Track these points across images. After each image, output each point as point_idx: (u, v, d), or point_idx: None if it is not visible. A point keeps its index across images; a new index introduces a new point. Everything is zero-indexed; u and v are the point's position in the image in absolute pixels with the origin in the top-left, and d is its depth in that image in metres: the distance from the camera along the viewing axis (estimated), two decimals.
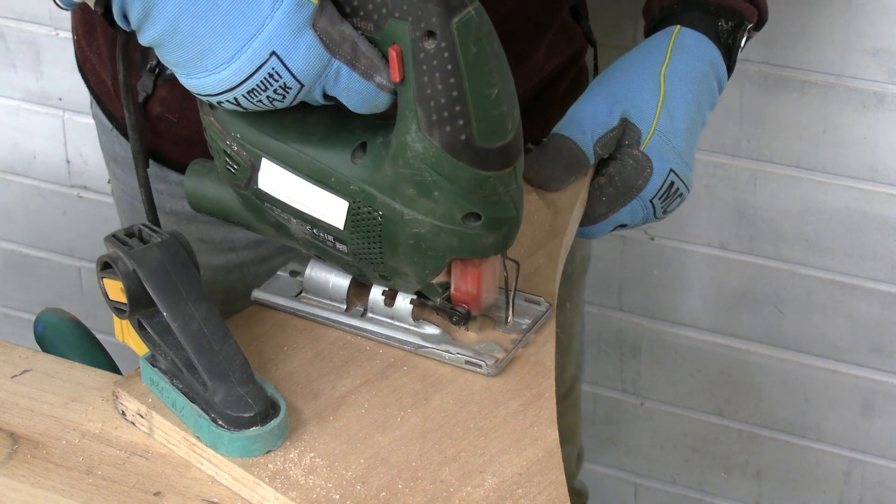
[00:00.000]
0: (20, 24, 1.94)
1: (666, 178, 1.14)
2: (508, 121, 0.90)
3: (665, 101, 1.15)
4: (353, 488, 0.90)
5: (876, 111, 1.57)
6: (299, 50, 0.89)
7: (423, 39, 0.87)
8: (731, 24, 1.20)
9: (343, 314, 1.04)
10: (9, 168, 2.07)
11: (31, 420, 0.97)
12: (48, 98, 1.98)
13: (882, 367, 1.74)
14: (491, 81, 0.88)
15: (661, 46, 1.18)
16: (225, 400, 0.92)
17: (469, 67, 0.87)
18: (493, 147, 0.90)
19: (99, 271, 0.97)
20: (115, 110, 1.32)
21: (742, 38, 1.21)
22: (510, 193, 0.94)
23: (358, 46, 0.90)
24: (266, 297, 1.07)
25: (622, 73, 1.17)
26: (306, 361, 1.02)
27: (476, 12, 0.87)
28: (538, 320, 1.03)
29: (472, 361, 0.99)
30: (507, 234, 0.96)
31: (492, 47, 0.88)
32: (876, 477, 1.82)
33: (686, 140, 1.15)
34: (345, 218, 0.97)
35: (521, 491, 0.91)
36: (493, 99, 0.89)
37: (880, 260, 1.67)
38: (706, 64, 1.18)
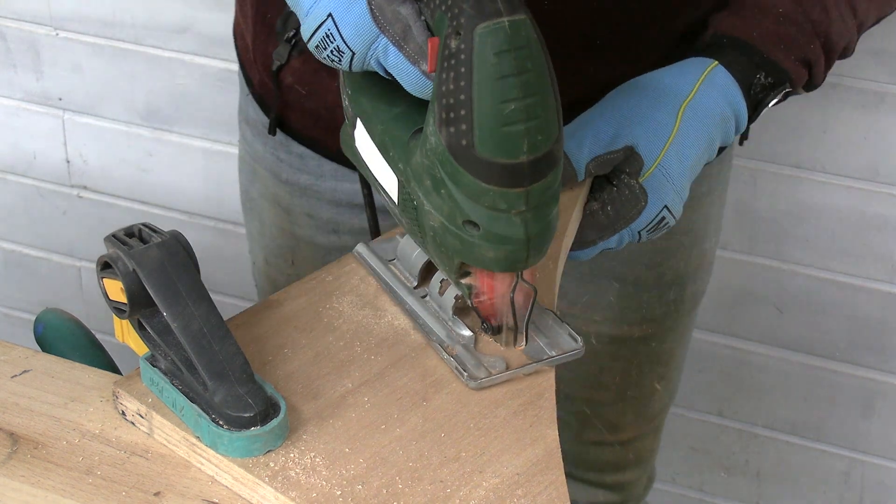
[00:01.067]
0: (20, 24, 1.94)
1: (658, 213, 1.12)
2: (523, 141, 0.87)
3: (677, 138, 1.12)
4: (353, 488, 0.90)
5: (876, 111, 1.57)
6: (351, 17, 0.91)
7: (452, 36, 0.86)
8: (770, 80, 1.16)
9: (409, 291, 1.05)
10: (9, 168, 2.08)
11: (31, 420, 0.97)
12: (48, 98, 1.98)
13: (882, 367, 1.74)
14: (507, 96, 0.86)
15: (691, 78, 1.15)
16: (225, 400, 0.92)
17: (481, 76, 0.85)
18: (495, 162, 0.88)
19: (99, 271, 0.97)
20: (252, 75, 1.37)
21: (775, 98, 1.17)
22: (521, 215, 0.90)
23: (410, 30, 0.90)
24: (364, 254, 1.09)
25: (642, 96, 1.14)
26: (306, 361, 1.02)
27: (512, 24, 0.85)
28: (563, 355, 1.01)
29: (458, 369, 0.99)
30: (510, 254, 0.92)
31: (521, 62, 0.86)
32: (876, 477, 1.82)
33: (688, 177, 1.13)
34: (397, 195, 0.98)
35: (521, 491, 0.91)
36: (506, 114, 0.86)
37: (880, 260, 1.67)
38: (730, 108, 1.15)
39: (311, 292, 1.09)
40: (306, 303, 1.08)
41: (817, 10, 1.17)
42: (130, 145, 1.98)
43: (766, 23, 1.17)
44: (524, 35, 0.86)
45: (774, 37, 1.16)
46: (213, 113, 1.91)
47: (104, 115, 1.97)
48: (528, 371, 0.99)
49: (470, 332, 1.01)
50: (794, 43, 1.17)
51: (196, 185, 1.98)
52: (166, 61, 1.89)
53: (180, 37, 1.86)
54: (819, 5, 1.17)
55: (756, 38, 1.16)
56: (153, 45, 1.88)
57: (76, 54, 1.93)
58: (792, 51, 1.17)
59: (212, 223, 2.01)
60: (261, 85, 1.37)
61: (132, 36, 1.89)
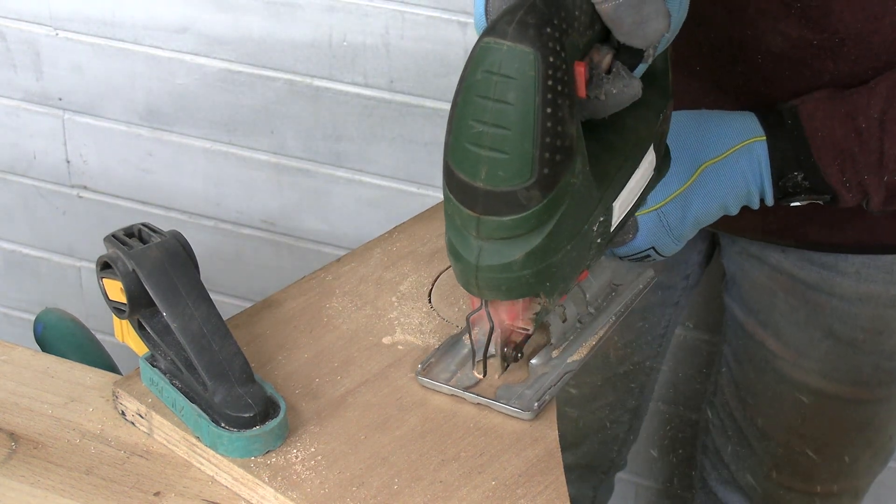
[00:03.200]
0: (20, 24, 1.94)
1: (644, 250, 1.09)
2: (481, 167, 0.84)
3: (687, 192, 1.08)
4: (353, 488, 0.90)
5: None
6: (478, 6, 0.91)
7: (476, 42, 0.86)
8: (808, 184, 1.10)
9: None
10: (9, 168, 2.08)
11: (31, 420, 0.97)
12: (48, 98, 1.98)
13: None
14: (479, 116, 0.83)
15: (730, 140, 1.10)
16: (225, 400, 0.92)
17: (464, 89, 0.84)
18: (456, 173, 0.86)
19: (99, 271, 0.97)
20: None
21: (807, 200, 1.12)
22: (476, 239, 0.88)
23: None
24: None
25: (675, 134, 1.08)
26: (306, 361, 1.02)
27: (511, 51, 0.82)
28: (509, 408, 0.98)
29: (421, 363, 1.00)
30: (461, 270, 0.90)
31: (503, 91, 0.83)
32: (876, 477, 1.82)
33: (690, 228, 1.10)
34: None
35: (521, 491, 0.91)
36: (473, 133, 0.84)
37: None
38: (755, 185, 1.10)
39: (311, 292, 1.09)
40: (306, 303, 1.08)
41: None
42: (130, 145, 1.98)
43: (839, 131, 1.10)
44: (517, 66, 0.82)
45: (835, 150, 1.10)
46: (213, 113, 1.90)
47: (104, 115, 1.97)
48: (471, 399, 0.98)
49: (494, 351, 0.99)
50: (853, 165, 1.10)
51: (196, 185, 1.98)
52: (166, 61, 1.89)
53: (180, 37, 1.86)
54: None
55: (818, 140, 1.10)
56: (153, 45, 1.88)
57: (76, 54, 1.93)
58: (845, 171, 1.10)
59: (212, 223, 2.01)
60: None
61: (132, 36, 1.89)
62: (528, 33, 0.82)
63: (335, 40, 1.76)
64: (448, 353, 1.02)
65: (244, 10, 1.80)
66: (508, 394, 0.98)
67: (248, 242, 2.01)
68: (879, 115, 1.09)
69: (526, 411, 0.97)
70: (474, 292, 0.91)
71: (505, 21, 0.82)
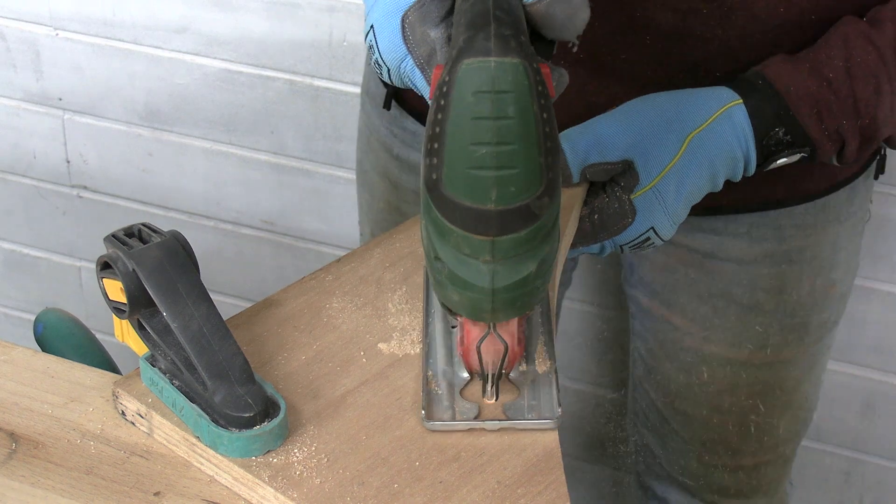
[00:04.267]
0: (20, 24, 1.94)
1: (643, 233, 1.10)
2: (492, 188, 0.83)
3: (678, 164, 1.09)
4: (353, 488, 0.90)
5: None
6: (385, 33, 0.92)
7: (447, 68, 0.83)
8: (789, 138, 1.13)
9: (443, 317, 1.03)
10: (9, 168, 2.08)
11: (31, 420, 0.97)
12: (48, 98, 1.98)
13: (882, 367, 1.74)
14: (479, 138, 0.81)
15: (709, 108, 1.12)
16: (225, 400, 0.92)
17: (456, 114, 0.81)
18: (460, 203, 0.84)
19: (99, 271, 0.97)
20: None
21: (789, 157, 1.14)
22: (488, 265, 0.86)
23: (435, 55, 0.90)
24: None
25: (655, 114, 1.11)
26: (306, 361, 1.02)
27: (499, 66, 0.80)
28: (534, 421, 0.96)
29: (422, 405, 0.95)
30: (474, 301, 0.89)
31: (500, 107, 0.81)
32: (876, 477, 1.82)
33: (684, 204, 1.11)
34: None
35: (521, 491, 0.91)
36: (476, 157, 0.82)
37: (880, 260, 1.67)
38: (740, 150, 1.12)
39: (311, 292, 1.09)
40: (306, 303, 1.07)
41: (868, 90, 1.13)
42: (130, 145, 1.98)
43: (810, 83, 1.13)
44: (510, 79, 0.81)
45: (811, 100, 1.13)
46: (213, 113, 1.90)
47: (104, 115, 1.97)
48: (492, 427, 0.95)
49: (468, 375, 0.98)
50: (830, 113, 1.13)
51: (196, 185, 1.98)
52: (166, 61, 1.89)
53: (180, 37, 1.86)
54: (872, 86, 1.13)
55: (792, 94, 1.12)
56: (153, 45, 1.88)
57: (76, 54, 1.93)
58: (823, 120, 1.13)
59: (212, 223, 2.01)
60: None
61: (132, 36, 1.89)
62: (511, 45, 0.81)
63: (335, 40, 1.77)
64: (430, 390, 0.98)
65: (244, 10, 1.80)
66: (520, 409, 0.97)
67: (248, 242, 2.01)
68: (844, 63, 1.12)
69: (553, 419, 0.95)
70: (487, 318, 0.90)
71: (480, 39, 0.81)
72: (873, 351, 1.73)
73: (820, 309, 1.39)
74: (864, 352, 1.73)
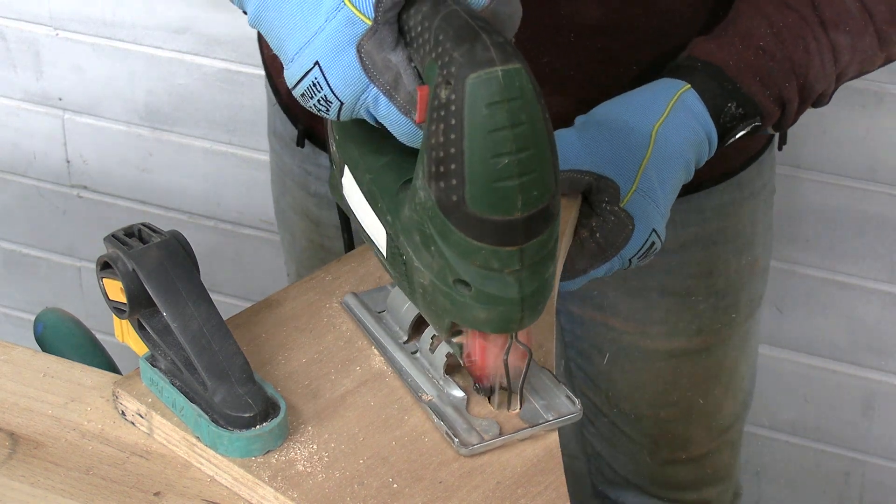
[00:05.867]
0: (20, 24, 1.94)
1: (648, 237, 1.09)
2: (518, 197, 0.82)
3: (652, 158, 1.09)
4: (353, 488, 0.90)
5: (876, 111, 1.57)
6: (339, 66, 0.87)
7: (442, 86, 0.82)
8: (741, 111, 1.14)
9: (399, 346, 1.00)
10: (9, 168, 2.08)
11: (31, 420, 0.97)
12: (48, 98, 1.99)
13: (882, 367, 1.74)
14: (500, 150, 0.81)
15: (662, 101, 1.12)
16: (225, 400, 0.92)
17: (473, 129, 0.81)
18: (488, 219, 0.83)
19: (99, 271, 0.97)
20: (279, 85, 1.34)
21: (744, 129, 1.15)
22: (515, 274, 0.86)
23: (401, 79, 0.87)
24: (353, 304, 1.03)
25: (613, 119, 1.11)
26: (306, 361, 1.02)
27: (506, 74, 0.80)
28: (560, 419, 0.95)
29: (449, 434, 0.93)
30: (504, 315, 0.87)
31: (514, 114, 0.81)
32: (876, 477, 1.82)
33: (670, 198, 1.11)
34: (385, 248, 0.94)
35: (521, 491, 0.91)
36: (499, 168, 0.81)
37: (880, 260, 1.67)
38: (703, 131, 1.13)
39: (311, 292, 1.08)
40: (306, 303, 1.07)
41: (799, 51, 1.15)
42: (130, 145, 1.98)
43: (745, 54, 1.14)
44: (518, 85, 0.81)
45: (751, 69, 1.14)
46: (213, 113, 1.91)
47: (104, 115, 1.97)
48: (524, 437, 0.94)
49: (462, 392, 0.96)
50: (771, 79, 1.15)
51: (196, 185, 1.98)
52: (166, 61, 1.89)
53: (180, 37, 1.86)
54: (801, 46, 1.15)
55: (732, 68, 1.14)
56: (153, 45, 1.88)
57: (76, 54, 1.93)
58: (767, 86, 1.14)
59: (212, 223, 2.01)
60: (289, 95, 1.35)
61: (132, 36, 1.89)
62: (508, 51, 0.81)
63: None
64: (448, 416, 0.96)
65: None
66: (535, 412, 0.96)
67: (248, 242, 2.01)
68: (769, 29, 1.14)
69: (576, 412, 0.95)
70: (514, 328, 0.90)
71: (480, 50, 0.80)
72: (873, 351, 1.73)
73: (747, 286, 1.42)
74: (864, 352, 1.73)
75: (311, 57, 0.88)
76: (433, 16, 0.84)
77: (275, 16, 0.89)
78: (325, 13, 0.87)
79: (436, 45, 0.83)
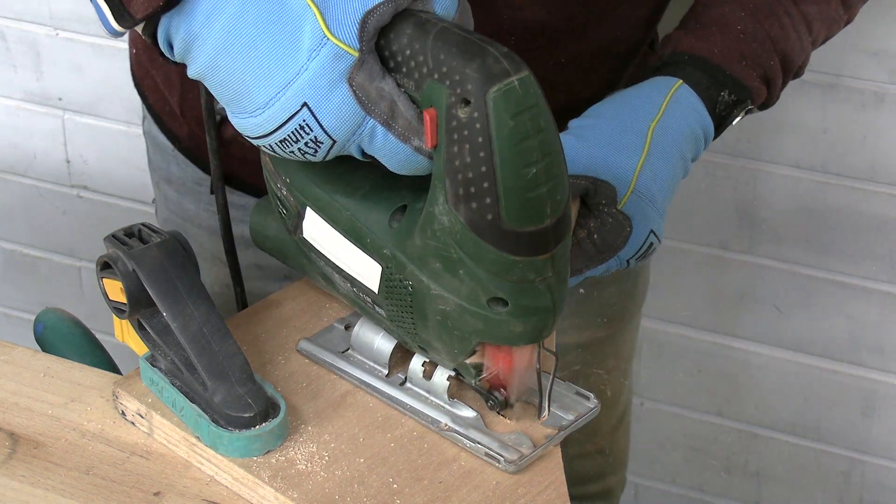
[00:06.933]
0: (20, 24, 1.94)
1: (646, 238, 1.09)
2: (547, 204, 0.82)
3: (649, 159, 1.08)
4: (353, 488, 0.90)
5: (876, 111, 1.57)
6: (332, 104, 0.84)
7: (458, 106, 0.80)
8: (734, 98, 1.14)
9: (382, 380, 0.98)
10: (9, 168, 2.08)
11: (31, 420, 0.97)
12: (48, 98, 1.98)
13: (882, 367, 1.74)
14: (528, 159, 0.81)
15: (657, 99, 1.12)
16: (225, 400, 0.92)
17: (502, 142, 0.80)
18: (524, 231, 0.83)
19: (99, 271, 0.97)
20: (177, 129, 1.27)
21: (738, 115, 1.16)
22: (546, 281, 0.86)
23: (397, 106, 0.84)
24: (311, 349, 1.01)
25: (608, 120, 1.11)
26: (306, 361, 1.02)
27: (521, 83, 0.80)
28: (582, 417, 0.96)
29: (492, 454, 0.92)
30: (538, 324, 0.88)
31: (535, 122, 0.81)
32: (876, 477, 1.82)
33: (668, 197, 1.11)
34: (379, 282, 0.92)
35: (521, 490, 0.91)
36: (530, 179, 0.81)
37: (880, 260, 1.67)
38: (699, 126, 1.13)
39: (311, 292, 1.09)
40: (306, 303, 1.08)
41: (775, 27, 1.15)
42: (130, 145, 1.98)
43: (728, 40, 1.15)
44: (533, 92, 0.81)
45: (736, 54, 1.14)
46: None
47: (104, 115, 1.97)
48: (558, 441, 0.95)
49: (474, 412, 0.95)
50: (756, 60, 1.15)
51: None
52: None
53: None
54: (776, 22, 1.16)
55: (718, 56, 1.14)
56: None
57: (76, 54, 1.93)
58: (753, 68, 1.15)
59: None
60: (190, 139, 1.27)
61: None
62: (515, 59, 0.81)
63: None
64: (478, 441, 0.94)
65: None
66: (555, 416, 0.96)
67: None
68: (744, 13, 1.15)
69: (596, 406, 0.97)
70: (546, 335, 0.90)
71: (491, 63, 0.80)
72: (873, 351, 1.73)
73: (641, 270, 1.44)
74: (864, 352, 1.73)
75: (296, 99, 0.84)
76: (422, 36, 0.82)
77: (237, 62, 0.84)
78: (306, 51, 0.83)
79: (437, 66, 0.81)
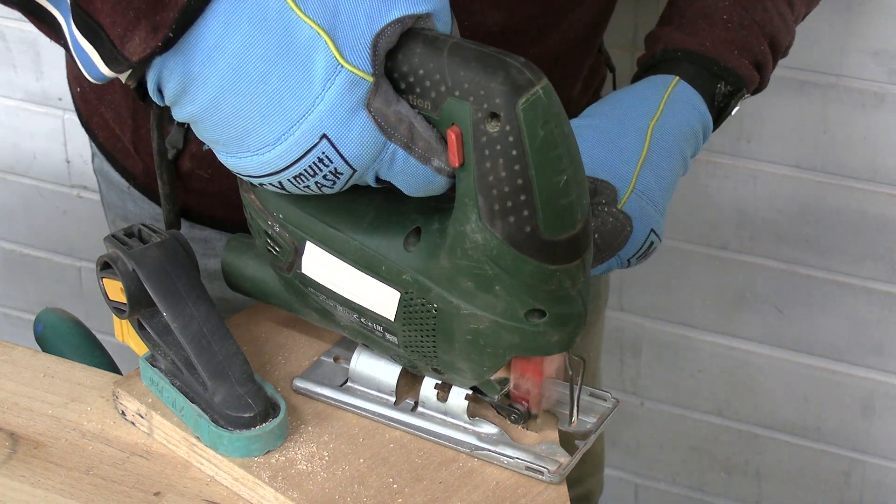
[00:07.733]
0: (20, 24, 1.94)
1: (646, 238, 1.08)
2: (577, 210, 0.83)
3: (648, 156, 1.08)
4: (353, 488, 0.90)
5: (876, 111, 1.57)
6: (353, 133, 0.82)
7: (486, 122, 0.80)
8: (730, 88, 1.15)
9: (392, 408, 0.96)
10: (9, 168, 2.08)
11: (31, 420, 0.97)
12: (48, 98, 1.98)
13: (882, 367, 1.74)
14: (559, 167, 0.81)
15: (655, 98, 1.12)
16: (225, 400, 0.92)
17: (536, 153, 0.80)
18: (559, 239, 0.83)
19: (99, 271, 0.97)
20: (131, 167, 1.24)
21: (736, 105, 1.16)
22: (577, 287, 0.86)
23: (415, 128, 0.83)
24: (308, 387, 0.99)
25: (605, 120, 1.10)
26: (306, 362, 1.02)
27: (544, 92, 0.80)
28: (605, 419, 0.96)
29: (533, 467, 0.91)
30: (572, 331, 0.88)
31: (560, 129, 0.81)
32: (876, 477, 1.82)
33: (668, 196, 1.11)
34: (396, 309, 0.90)
35: (521, 491, 0.91)
36: (562, 187, 0.81)
37: (880, 260, 1.67)
38: (699, 122, 1.13)
39: None
40: None
41: (759, 11, 1.16)
42: None
43: (716, 31, 1.15)
44: (555, 99, 0.81)
45: (727, 43, 1.14)
46: None
47: None
48: (589, 446, 0.94)
49: (496, 427, 0.94)
50: (746, 47, 1.15)
51: None
52: None
53: None
54: (760, 6, 1.16)
55: (710, 49, 1.14)
56: None
57: None
58: (745, 56, 1.15)
59: None
60: (146, 175, 1.23)
61: None
62: (533, 68, 0.81)
63: None
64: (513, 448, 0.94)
65: None
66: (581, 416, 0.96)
67: None
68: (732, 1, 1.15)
69: (613, 404, 0.97)
70: (577, 339, 0.90)
71: (515, 74, 0.80)
72: (873, 351, 1.73)
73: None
74: (864, 352, 1.73)
75: (313, 132, 0.82)
76: (435, 54, 0.81)
77: (243, 100, 0.82)
78: (320, 81, 0.81)
79: (457, 83, 0.81)
